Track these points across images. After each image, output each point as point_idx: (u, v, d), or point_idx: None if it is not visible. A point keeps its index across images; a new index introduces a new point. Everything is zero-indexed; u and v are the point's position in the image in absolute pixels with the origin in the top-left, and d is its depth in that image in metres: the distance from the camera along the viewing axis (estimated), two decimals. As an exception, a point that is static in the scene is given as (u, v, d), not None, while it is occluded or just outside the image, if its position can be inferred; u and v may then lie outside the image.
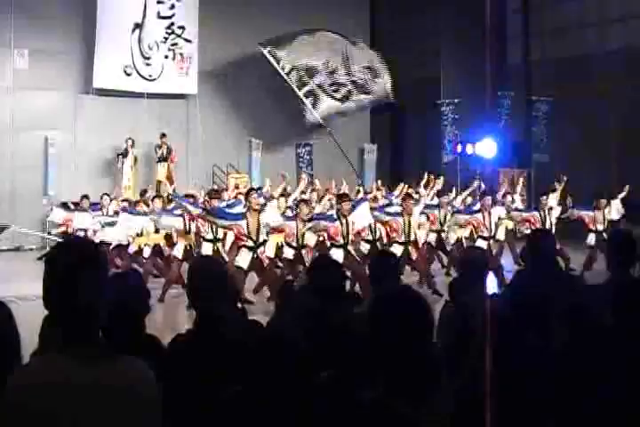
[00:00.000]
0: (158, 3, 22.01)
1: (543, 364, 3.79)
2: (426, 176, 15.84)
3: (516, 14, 23.42)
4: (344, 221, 12.16)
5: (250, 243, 11.85)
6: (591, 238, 14.74)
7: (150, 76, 21.75)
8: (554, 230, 13.64)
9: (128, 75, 21.47)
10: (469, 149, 19.27)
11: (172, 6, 22.21)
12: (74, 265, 2.74)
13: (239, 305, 4.05)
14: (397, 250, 12.26)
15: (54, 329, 2.92)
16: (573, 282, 5.70)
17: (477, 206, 14.19)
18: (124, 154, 20.73)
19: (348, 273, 9.41)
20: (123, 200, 16.32)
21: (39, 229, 20.09)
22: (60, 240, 7.96)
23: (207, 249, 12.50)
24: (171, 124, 20.96)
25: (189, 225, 12.96)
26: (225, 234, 12.75)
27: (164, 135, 20.98)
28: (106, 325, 2.74)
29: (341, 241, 12.13)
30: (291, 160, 22.07)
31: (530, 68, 21.36)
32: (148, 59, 21.76)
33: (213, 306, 3.61)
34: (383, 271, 4.51)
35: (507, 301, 4.84)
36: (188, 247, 12.92)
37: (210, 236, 12.64)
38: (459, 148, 19.90)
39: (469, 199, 15.45)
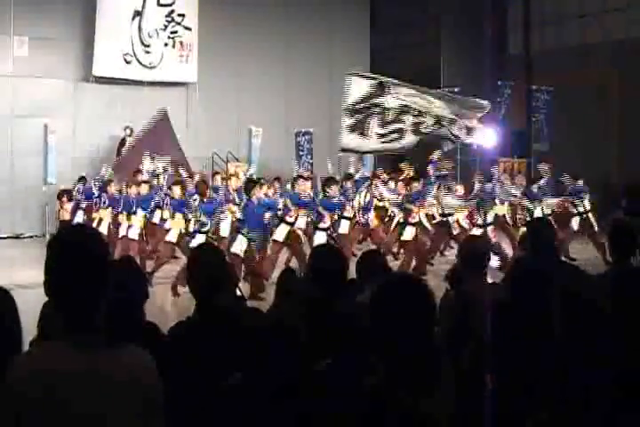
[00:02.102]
0: (158, -10, 21.93)
1: (543, 351, 3.80)
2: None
3: (517, 2, 23.32)
4: None
5: None
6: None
7: (150, 63, 21.68)
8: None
9: (128, 62, 21.39)
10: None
11: (172, -6, 22.13)
12: (75, 250, 2.73)
13: (238, 293, 4.02)
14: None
15: (54, 317, 2.93)
16: (572, 270, 5.69)
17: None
18: (122, 143, 20.49)
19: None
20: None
21: (39, 217, 20.11)
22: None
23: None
24: (171, 112, 20.86)
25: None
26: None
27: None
28: (105, 311, 2.73)
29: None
30: (290, 148, 22.05)
31: (530, 56, 21.25)
32: (148, 46, 21.68)
33: (213, 294, 3.61)
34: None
35: (506, 287, 4.84)
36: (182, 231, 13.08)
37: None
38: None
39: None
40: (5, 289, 3.19)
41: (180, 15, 22.15)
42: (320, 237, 12.64)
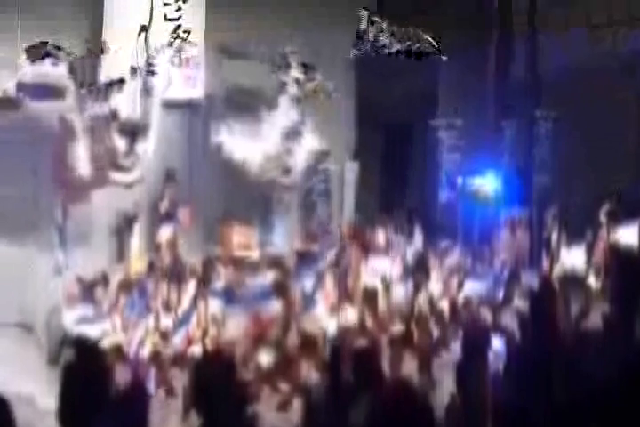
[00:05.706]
0: (165, 5, 21.96)
1: None
2: None
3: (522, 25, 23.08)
4: None
5: None
6: None
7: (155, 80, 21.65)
8: None
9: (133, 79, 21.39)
10: (472, 182, 18.02)
11: (179, 8, 22.15)
12: (94, 381, 2.81)
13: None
14: None
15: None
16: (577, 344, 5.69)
17: None
18: (133, 219, 15.95)
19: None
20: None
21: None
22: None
23: None
24: (175, 131, 20.71)
25: None
26: None
27: (169, 177, 16.93)
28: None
29: None
30: (298, 191, 18.93)
31: (539, 84, 20.86)
32: (152, 64, 21.66)
33: (217, 412, 3.35)
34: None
35: (511, 377, 4.87)
36: None
37: None
38: (459, 180, 18.81)
39: None
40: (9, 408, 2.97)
41: (185, 31, 22.17)
42: None
